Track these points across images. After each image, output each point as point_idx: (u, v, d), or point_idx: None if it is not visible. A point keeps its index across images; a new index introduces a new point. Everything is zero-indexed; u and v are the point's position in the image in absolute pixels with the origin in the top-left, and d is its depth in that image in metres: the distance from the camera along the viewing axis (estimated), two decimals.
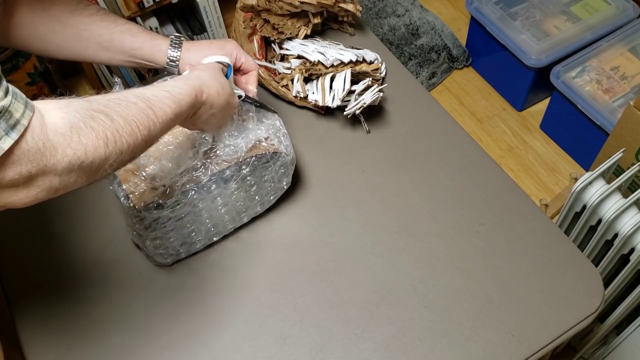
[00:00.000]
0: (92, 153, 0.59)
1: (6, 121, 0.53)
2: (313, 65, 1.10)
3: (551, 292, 0.92)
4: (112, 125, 0.61)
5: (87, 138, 0.58)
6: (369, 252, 0.96)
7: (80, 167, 0.58)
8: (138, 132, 0.64)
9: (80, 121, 0.58)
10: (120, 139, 0.61)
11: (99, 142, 0.59)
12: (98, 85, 2.04)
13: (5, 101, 0.53)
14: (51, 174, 0.57)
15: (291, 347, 0.87)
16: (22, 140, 0.54)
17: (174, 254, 0.94)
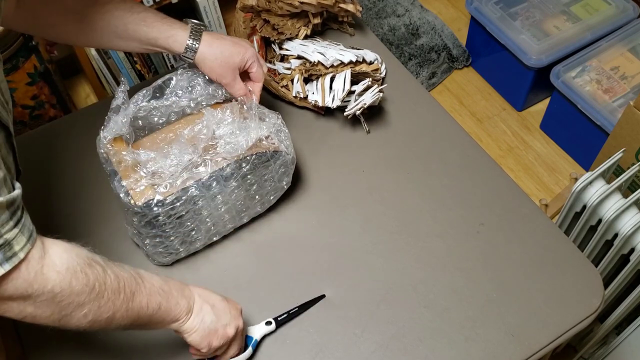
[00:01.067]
0: (75, 297, 0.63)
1: (4, 253, 0.57)
2: (313, 65, 1.10)
3: (551, 292, 0.92)
4: (104, 277, 0.66)
5: (77, 282, 0.62)
6: (369, 252, 0.96)
7: (58, 304, 0.62)
8: (123, 292, 0.67)
9: (79, 265, 0.63)
10: (104, 292, 0.65)
11: (85, 288, 0.63)
12: (98, 85, 2.04)
13: (10, 234, 0.58)
14: (29, 302, 0.61)
15: (291, 347, 0.87)
16: (15, 270, 0.58)
17: (173, 253, 0.94)
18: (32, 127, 1.75)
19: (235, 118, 0.89)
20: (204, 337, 0.77)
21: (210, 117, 0.87)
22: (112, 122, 0.87)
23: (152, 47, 0.92)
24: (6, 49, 1.61)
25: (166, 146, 0.88)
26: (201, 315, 0.77)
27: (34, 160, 1.08)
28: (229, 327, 0.79)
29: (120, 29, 0.89)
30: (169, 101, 0.93)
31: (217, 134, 0.88)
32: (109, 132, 0.86)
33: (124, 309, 0.68)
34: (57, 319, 0.64)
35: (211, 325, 0.77)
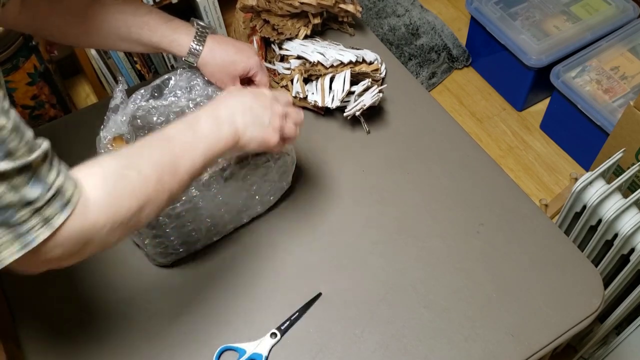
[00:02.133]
0: (126, 213, 0.62)
1: (61, 199, 0.57)
2: (313, 65, 1.10)
3: (551, 292, 0.92)
4: (140, 178, 0.64)
5: (121, 201, 0.62)
6: (369, 252, 0.96)
7: (118, 227, 0.62)
8: (167, 174, 0.67)
9: (112, 187, 0.62)
10: (150, 188, 0.65)
11: (131, 202, 0.63)
12: (98, 85, 2.04)
13: (59, 180, 0.57)
14: (98, 241, 0.61)
15: (291, 347, 0.87)
16: (71, 222, 0.58)
17: (173, 254, 0.94)
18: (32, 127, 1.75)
19: None
20: (264, 135, 0.77)
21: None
22: (111, 122, 0.87)
23: (155, 50, 0.93)
24: (6, 49, 1.61)
25: None
26: (246, 125, 0.76)
27: None
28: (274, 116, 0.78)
29: (123, 31, 0.89)
30: (168, 101, 0.93)
31: None
32: (108, 132, 0.86)
33: (177, 183, 0.68)
34: (128, 233, 0.65)
35: (260, 123, 0.77)
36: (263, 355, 0.86)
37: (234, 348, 0.87)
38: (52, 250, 0.58)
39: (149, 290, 0.93)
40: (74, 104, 2.07)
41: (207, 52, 0.92)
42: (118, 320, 0.90)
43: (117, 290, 0.93)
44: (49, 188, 0.56)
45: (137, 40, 0.90)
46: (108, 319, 0.90)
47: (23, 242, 0.55)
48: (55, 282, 0.94)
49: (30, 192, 0.55)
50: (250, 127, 0.76)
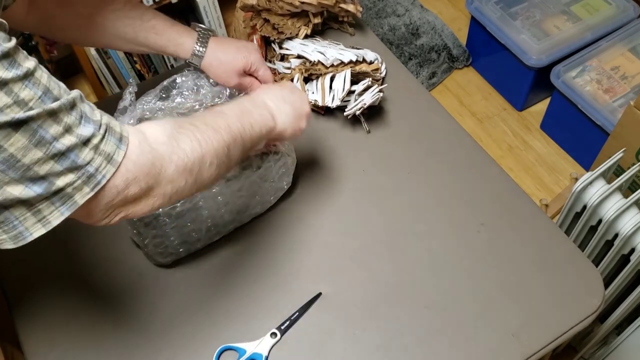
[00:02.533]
0: (191, 154, 0.64)
1: (114, 135, 0.58)
2: (313, 65, 1.10)
3: (551, 292, 0.91)
4: (199, 130, 0.67)
5: (184, 142, 0.64)
6: (368, 252, 0.96)
7: (184, 169, 0.64)
8: (222, 135, 0.69)
9: (174, 129, 0.65)
10: (210, 139, 0.67)
11: (193, 144, 0.65)
12: (98, 85, 2.04)
13: (105, 118, 0.58)
14: (164, 181, 0.62)
15: (291, 347, 0.87)
16: (134, 156, 0.59)
17: (173, 254, 0.93)
18: None
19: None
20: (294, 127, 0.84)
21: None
22: None
23: (160, 52, 0.95)
24: None
25: None
26: (282, 112, 0.82)
27: None
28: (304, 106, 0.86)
29: (129, 35, 0.91)
30: (175, 102, 0.93)
31: None
32: None
33: (233, 142, 0.70)
34: (194, 183, 0.66)
35: (294, 113, 0.83)
36: (263, 355, 0.86)
37: (234, 348, 0.87)
38: (119, 190, 0.58)
39: (149, 290, 0.93)
40: None
41: (209, 54, 0.94)
42: (118, 320, 0.90)
43: (117, 290, 0.93)
44: (99, 124, 0.57)
45: (143, 43, 0.93)
46: (108, 319, 0.90)
47: (93, 182, 0.56)
48: (55, 282, 0.94)
49: (85, 130, 0.56)
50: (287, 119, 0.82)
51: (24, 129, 0.51)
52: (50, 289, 0.94)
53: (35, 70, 0.54)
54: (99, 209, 0.59)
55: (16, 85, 0.51)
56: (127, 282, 0.94)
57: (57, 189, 0.55)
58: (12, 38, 0.53)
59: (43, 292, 0.93)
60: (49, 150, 0.53)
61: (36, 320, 0.91)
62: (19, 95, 0.51)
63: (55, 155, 0.53)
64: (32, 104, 0.52)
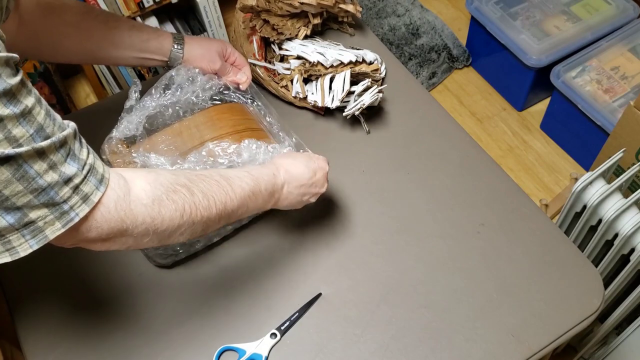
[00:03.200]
0: (168, 222, 0.65)
1: (95, 176, 0.59)
2: (312, 65, 1.10)
3: (551, 292, 0.91)
4: (192, 198, 0.68)
5: (166, 209, 0.65)
6: (369, 252, 0.96)
7: (154, 232, 0.65)
8: (214, 206, 0.70)
9: (164, 194, 0.65)
10: (196, 211, 0.68)
11: (176, 213, 0.66)
12: (98, 85, 2.04)
13: (91, 157, 0.60)
14: (127, 236, 0.63)
15: (291, 347, 0.87)
16: (106, 208, 0.60)
17: (173, 254, 0.94)
18: None
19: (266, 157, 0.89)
20: (296, 204, 0.86)
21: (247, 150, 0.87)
22: (125, 122, 0.87)
23: (145, 55, 0.98)
24: None
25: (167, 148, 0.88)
26: (289, 197, 0.83)
27: None
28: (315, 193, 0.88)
29: (116, 39, 0.94)
30: (175, 97, 0.94)
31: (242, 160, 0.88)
32: (120, 132, 0.86)
33: (217, 218, 0.71)
34: (157, 242, 0.67)
35: (301, 198, 0.85)
36: (263, 355, 0.86)
37: (234, 348, 0.87)
38: (90, 229, 0.60)
39: (149, 291, 0.93)
40: (74, 104, 2.07)
41: (188, 50, 1.00)
42: (118, 320, 0.90)
43: (117, 291, 0.93)
44: (83, 164, 0.58)
45: (128, 44, 0.95)
46: (108, 319, 0.90)
47: (66, 219, 0.58)
48: (55, 282, 0.94)
49: (68, 168, 0.57)
50: (291, 200, 0.84)
51: (10, 163, 0.53)
52: (51, 290, 0.94)
53: (34, 107, 0.55)
54: (66, 242, 0.61)
55: (11, 122, 0.52)
56: (127, 283, 0.94)
57: (29, 221, 0.56)
58: (19, 71, 0.54)
59: (43, 292, 0.94)
60: (30, 185, 0.54)
61: (36, 321, 0.91)
62: (12, 132, 0.52)
63: (35, 190, 0.55)
64: (22, 141, 0.53)
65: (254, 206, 0.77)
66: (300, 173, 0.84)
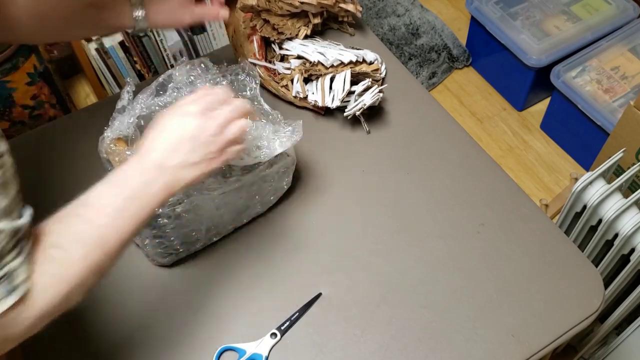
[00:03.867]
0: (52, 299, 0.58)
1: (8, 284, 0.53)
2: (313, 65, 1.10)
3: (551, 292, 0.91)
4: (67, 256, 0.59)
5: (48, 292, 0.57)
6: (369, 252, 0.96)
7: (46, 316, 0.58)
8: (92, 249, 0.61)
9: (39, 275, 0.57)
10: (75, 269, 0.60)
11: (60, 287, 0.58)
12: (98, 85, 2.04)
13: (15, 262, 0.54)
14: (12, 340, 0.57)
15: (291, 347, 0.87)
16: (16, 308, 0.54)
17: (173, 254, 0.93)
18: (32, 127, 1.75)
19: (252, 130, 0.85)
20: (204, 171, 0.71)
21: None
22: (117, 122, 0.87)
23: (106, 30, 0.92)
24: (6, 49, 1.61)
25: None
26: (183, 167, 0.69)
27: (33, 160, 1.08)
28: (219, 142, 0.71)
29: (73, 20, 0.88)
30: (172, 97, 0.93)
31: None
32: (113, 132, 0.86)
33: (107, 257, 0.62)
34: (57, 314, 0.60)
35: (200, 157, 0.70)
36: (263, 355, 0.86)
37: (234, 348, 0.87)
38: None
39: (149, 290, 0.93)
40: (74, 104, 2.07)
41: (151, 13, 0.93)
42: (118, 320, 0.90)
43: (117, 290, 0.93)
44: (2, 266, 0.53)
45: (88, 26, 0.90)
46: (108, 319, 0.90)
47: None
48: None
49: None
50: (187, 169, 0.69)
51: None
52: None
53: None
54: None
55: None
56: (127, 283, 0.94)
57: None
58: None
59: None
60: None
61: None
62: None
63: None
64: None
65: (143, 212, 0.65)
66: (165, 142, 0.69)
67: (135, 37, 1.94)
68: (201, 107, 0.71)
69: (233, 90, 0.98)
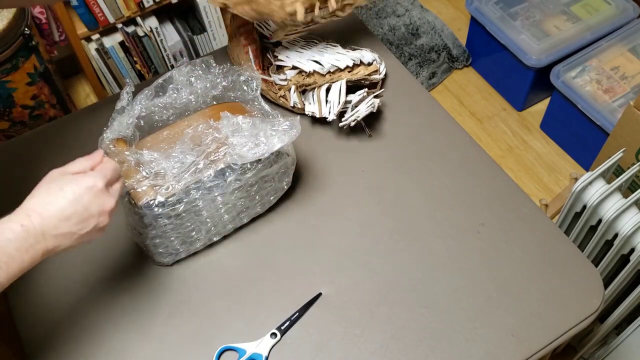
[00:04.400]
0: None
1: None
2: (308, 76, 1.09)
3: (551, 292, 0.92)
4: None
5: None
6: (369, 252, 0.96)
7: None
8: None
9: None
10: None
11: None
12: (98, 85, 2.04)
13: None
14: None
15: (291, 347, 0.87)
16: None
17: (173, 254, 0.94)
18: (32, 127, 1.75)
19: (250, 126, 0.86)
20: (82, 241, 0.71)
21: (227, 123, 0.85)
22: (116, 123, 0.87)
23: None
24: (6, 49, 1.61)
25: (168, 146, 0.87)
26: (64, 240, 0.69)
27: (33, 160, 1.08)
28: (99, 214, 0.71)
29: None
30: (171, 98, 0.93)
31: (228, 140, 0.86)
32: (112, 133, 0.86)
33: None
34: None
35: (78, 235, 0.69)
36: (263, 355, 0.86)
37: (234, 348, 0.87)
38: None
39: (149, 290, 0.93)
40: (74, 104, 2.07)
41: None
42: (118, 320, 0.90)
43: (117, 290, 0.93)
44: None
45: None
46: (108, 319, 0.90)
47: None
48: (55, 282, 0.94)
49: None
50: (70, 239, 0.69)
51: None
52: (51, 289, 0.94)
53: None
54: None
55: None
56: (127, 282, 0.94)
57: None
58: None
59: (43, 291, 0.94)
60: None
61: (36, 320, 0.91)
62: None
63: None
64: None
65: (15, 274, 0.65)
66: (58, 209, 0.67)
67: (135, 37, 1.94)
68: (102, 183, 0.71)
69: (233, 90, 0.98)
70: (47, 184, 0.70)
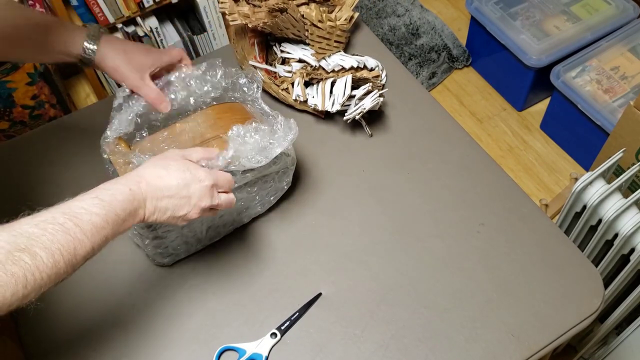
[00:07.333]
0: (10, 298, 0.59)
1: None
2: (314, 69, 1.10)
3: (551, 292, 0.92)
4: (34, 263, 0.60)
5: (6, 287, 0.58)
6: (369, 252, 0.96)
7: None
8: (61, 260, 0.63)
9: (1, 270, 0.58)
10: (41, 275, 0.61)
11: (17, 287, 0.59)
12: (98, 85, 2.04)
13: None
14: None
15: (291, 347, 0.87)
16: None
17: (173, 254, 0.94)
18: (32, 127, 1.75)
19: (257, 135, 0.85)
20: (172, 219, 0.75)
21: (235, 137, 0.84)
22: (116, 121, 0.87)
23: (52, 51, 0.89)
24: None
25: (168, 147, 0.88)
26: (160, 212, 0.73)
27: (33, 160, 1.08)
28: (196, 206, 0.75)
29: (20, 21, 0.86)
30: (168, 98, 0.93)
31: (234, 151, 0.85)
32: (114, 132, 0.86)
33: (69, 268, 0.64)
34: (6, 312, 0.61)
35: (174, 213, 0.75)
36: (263, 355, 0.86)
37: (234, 348, 0.87)
38: None
39: (149, 290, 0.93)
40: (74, 104, 2.07)
41: (103, 45, 0.90)
42: (118, 320, 0.90)
43: (117, 290, 0.93)
44: None
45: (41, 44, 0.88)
46: (108, 319, 0.90)
47: None
48: None
49: None
50: (165, 214, 0.74)
51: None
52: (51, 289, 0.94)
53: None
54: None
55: None
56: (127, 282, 0.94)
57: None
58: None
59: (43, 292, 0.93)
60: None
61: (36, 320, 0.91)
62: None
63: None
64: None
65: (112, 234, 0.69)
66: (166, 185, 0.73)
67: (136, 37, 1.94)
68: (211, 183, 0.77)
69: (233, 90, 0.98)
70: (164, 159, 0.76)
